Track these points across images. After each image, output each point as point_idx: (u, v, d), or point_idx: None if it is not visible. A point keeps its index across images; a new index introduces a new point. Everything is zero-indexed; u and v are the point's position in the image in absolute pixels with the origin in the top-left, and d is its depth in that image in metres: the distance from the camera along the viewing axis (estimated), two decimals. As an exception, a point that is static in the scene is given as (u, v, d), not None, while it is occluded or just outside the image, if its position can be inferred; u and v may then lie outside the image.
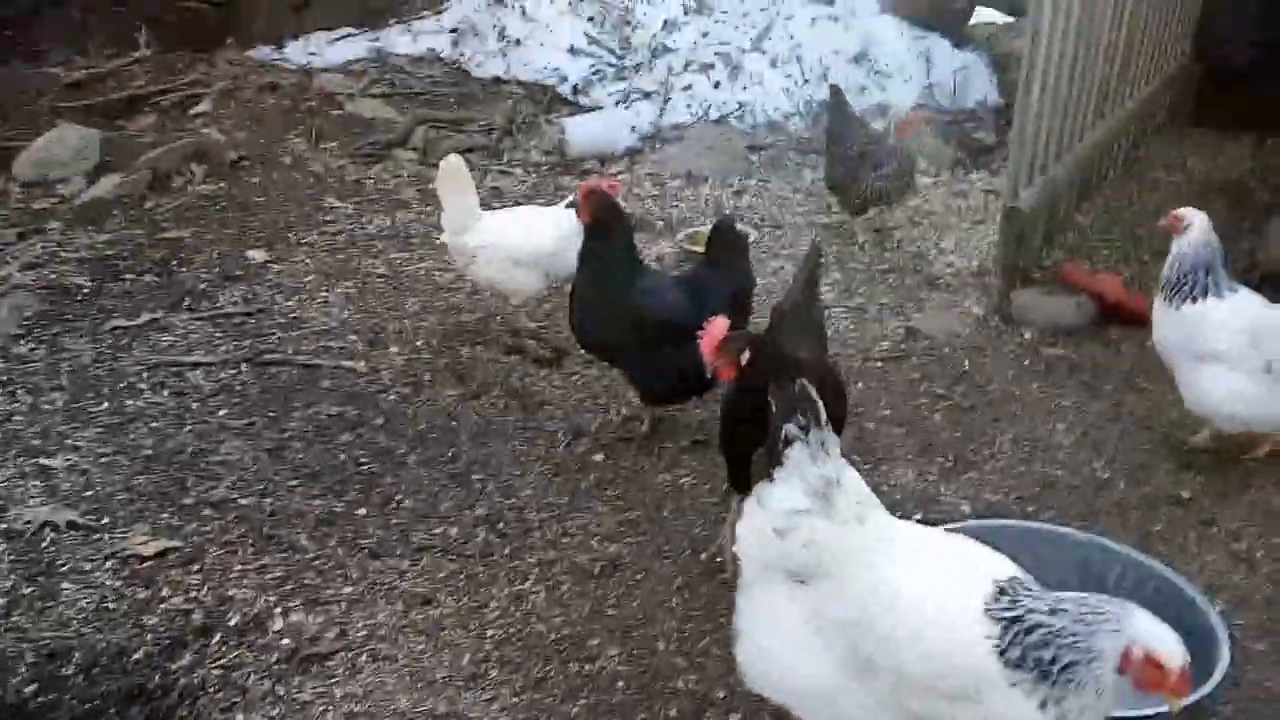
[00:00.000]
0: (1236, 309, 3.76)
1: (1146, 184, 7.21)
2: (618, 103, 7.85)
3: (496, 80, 8.18)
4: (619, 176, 7.09)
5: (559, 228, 4.78)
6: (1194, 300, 3.75)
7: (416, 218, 6.23)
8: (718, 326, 3.06)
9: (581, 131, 7.36)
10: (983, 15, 10.16)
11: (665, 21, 8.62)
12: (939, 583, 2.28)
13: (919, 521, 3.57)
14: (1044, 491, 3.81)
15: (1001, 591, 2.22)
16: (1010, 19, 9.56)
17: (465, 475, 3.88)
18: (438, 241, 5.25)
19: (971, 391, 4.52)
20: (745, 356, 3.00)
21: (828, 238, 6.23)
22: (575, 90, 8.03)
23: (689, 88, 8.05)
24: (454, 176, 4.92)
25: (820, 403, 2.37)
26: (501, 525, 3.61)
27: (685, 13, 8.71)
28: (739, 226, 4.54)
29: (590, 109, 7.85)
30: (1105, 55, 6.15)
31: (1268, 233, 5.76)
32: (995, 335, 5.06)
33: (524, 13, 8.49)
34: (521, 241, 4.79)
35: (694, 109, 7.94)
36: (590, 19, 8.50)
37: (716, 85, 8.13)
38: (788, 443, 2.33)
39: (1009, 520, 3.32)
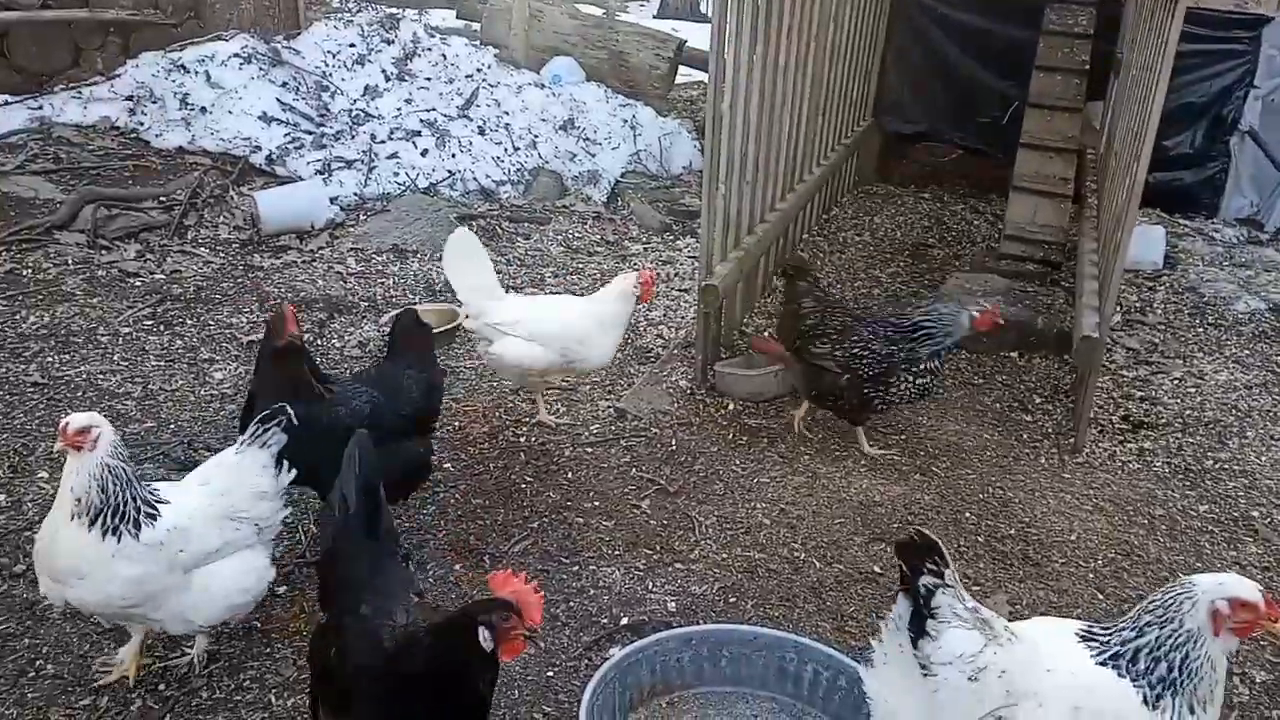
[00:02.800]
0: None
1: (837, 244, 7.65)
2: (318, 172, 7.45)
3: (180, 151, 7.56)
4: (319, 251, 6.72)
5: (585, 313, 4.63)
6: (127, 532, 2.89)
7: (80, 311, 5.58)
8: None
9: (276, 204, 6.89)
10: (686, 75, 10.55)
11: (366, 87, 8.32)
12: (1089, 664, 2.35)
13: (626, 626, 3.53)
14: (745, 578, 3.81)
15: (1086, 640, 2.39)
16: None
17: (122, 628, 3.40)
18: (102, 339, 4.68)
19: (678, 473, 4.51)
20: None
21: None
22: (270, 160, 7.54)
23: (395, 156, 7.77)
24: (464, 251, 4.58)
25: (940, 542, 2.32)
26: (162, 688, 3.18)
27: (386, 79, 8.45)
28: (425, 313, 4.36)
29: (287, 180, 7.40)
30: (790, 132, 6.45)
31: (941, 294, 6.19)
32: (701, 409, 5.11)
33: (209, 78, 7.91)
34: (546, 323, 4.53)
35: (401, 178, 7.67)
36: (284, 84, 8.05)
37: (424, 153, 7.90)
38: (929, 594, 2.29)
39: (704, 626, 3.27)
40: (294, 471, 3.21)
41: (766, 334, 5.92)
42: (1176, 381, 5.58)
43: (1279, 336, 6.24)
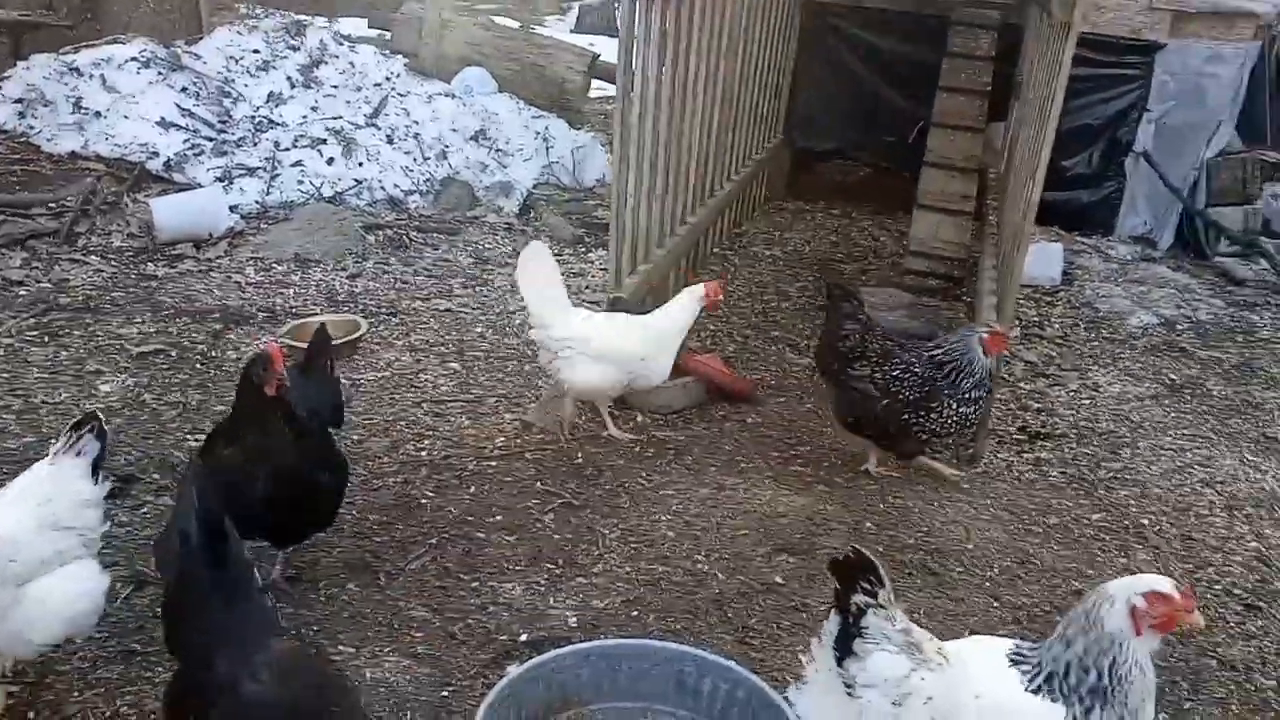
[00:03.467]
0: None
1: (748, 259, 7.70)
2: (218, 179, 7.24)
3: (73, 156, 7.29)
4: (217, 260, 6.51)
5: (651, 329, 4.73)
6: None
7: (-44, 324, 5.31)
8: None
9: (172, 211, 6.67)
10: (601, 89, 10.54)
11: (270, 94, 8.13)
12: (1018, 690, 2.34)
13: (525, 642, 3.46)
14: (648, 591, 3.77)
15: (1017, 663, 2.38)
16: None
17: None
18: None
19: (583, 486, 4.46)
20: None
21: (447, 325, 6.05)
22: (168, 166, 7.31)
23: (299, 164, 7.60)
24: (536, 263, 4.58)
25: (877, 561, 2.29)
26: None
27: (291, 86, 8.26)
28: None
29: (186, 187, 7.17)
30: (700, 147, 6.48)
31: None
32: (610, 421, 5.07)
33: (104, 81, 7.64)
34: (614, 342, 4.63)
35: (305, 186, 7.51)
36: (184, 90, 7.81)
37: (330, 161, 7.75)
38: (860, 614, 2.29)
39: (603, 642, 3.22)
40: (110, 481, 3.11)
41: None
42: (1072, 393, 5.73)
43: (1170, 350, 6.46)
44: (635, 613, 3.66)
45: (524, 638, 3.48)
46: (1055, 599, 3.89)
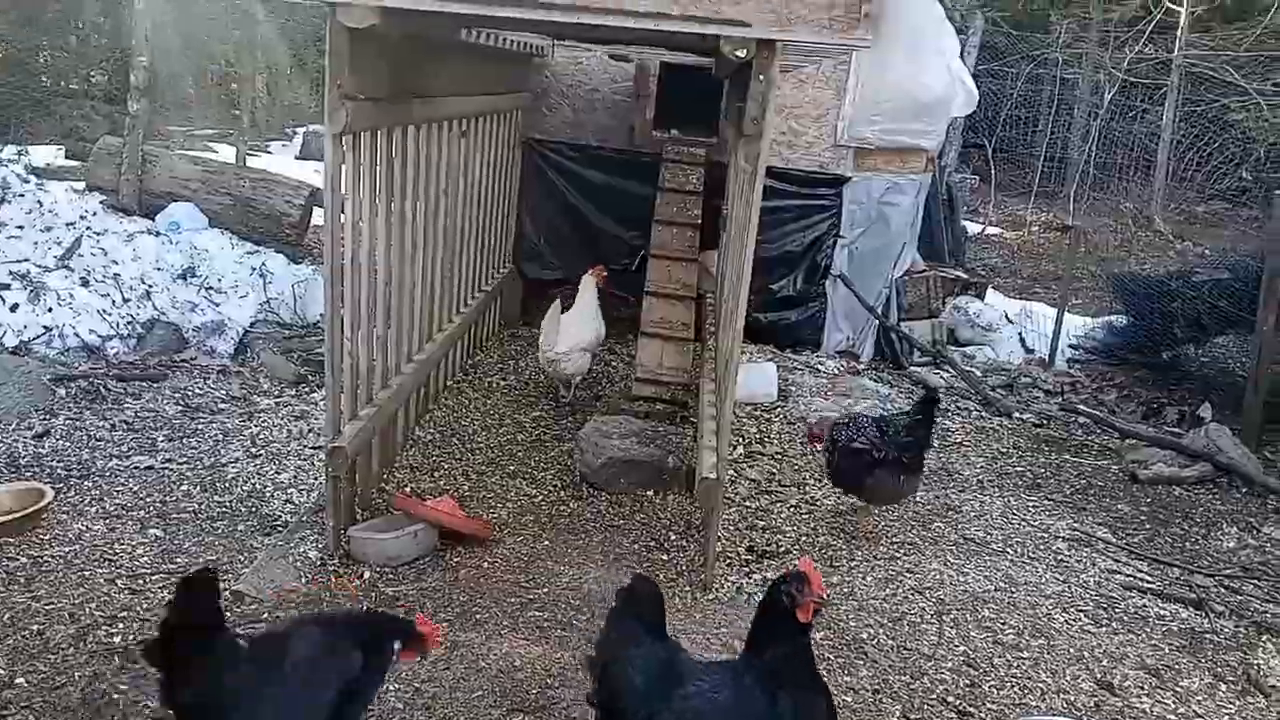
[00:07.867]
0: None
1: (483, 389, 7.63)
2: (-128, 334, 6.40)
3: None
4: None
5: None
6: None
7: None
8: None
9: None
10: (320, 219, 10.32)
11: (-61, 236, 7.35)
12: None
13: None
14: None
15: None
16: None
17: None
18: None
19: (302, 660, 4.13)
20: None
21: (149, 484, 5.55)
22: None
23: (-24, 312, 6.86)
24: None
25: None
26: None
27: (-32, 226, 7.52)
28: None
29: None
30: (426, 281, 6.40)
31: (579, 438, 6.32)
32: (333, 581, 4.77)
33: None
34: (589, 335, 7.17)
35: (-17, 337, 6.76)
36: None
37: (14, 308, 7.07)
38: None
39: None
40: None
41: (408, 490, 5.71)
42: (793, 509, 5.99)
43: (876, 459, 6.92)
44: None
45: None
46: (786, 727, 3.94)
